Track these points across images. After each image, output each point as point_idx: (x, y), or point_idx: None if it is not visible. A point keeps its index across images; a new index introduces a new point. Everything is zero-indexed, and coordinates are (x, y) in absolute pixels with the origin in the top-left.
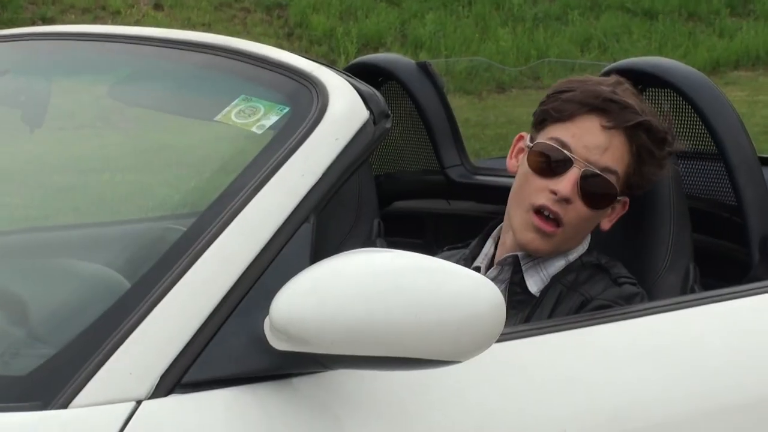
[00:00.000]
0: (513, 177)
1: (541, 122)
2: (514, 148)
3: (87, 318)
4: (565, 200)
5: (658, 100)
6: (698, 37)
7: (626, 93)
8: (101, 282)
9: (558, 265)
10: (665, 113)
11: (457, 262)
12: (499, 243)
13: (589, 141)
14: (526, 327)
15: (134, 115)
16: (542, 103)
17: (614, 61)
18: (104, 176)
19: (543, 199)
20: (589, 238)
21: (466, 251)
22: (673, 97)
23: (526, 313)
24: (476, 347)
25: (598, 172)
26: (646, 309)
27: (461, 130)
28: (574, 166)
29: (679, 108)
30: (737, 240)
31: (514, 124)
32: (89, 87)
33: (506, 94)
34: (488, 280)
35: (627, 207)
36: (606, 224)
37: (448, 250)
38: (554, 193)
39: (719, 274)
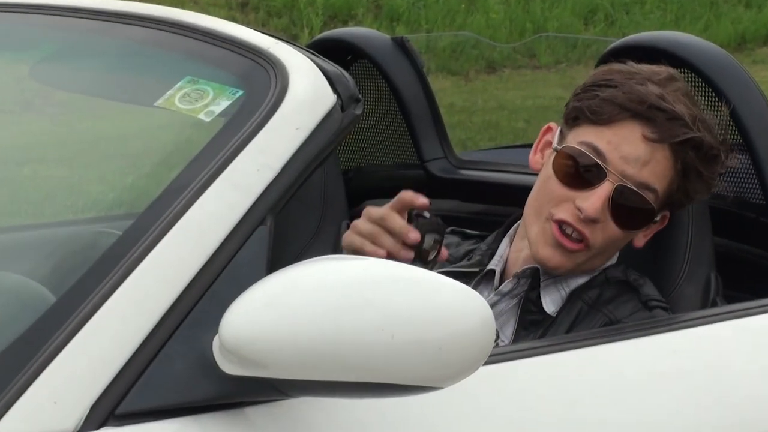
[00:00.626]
0: (504, 172)
1: (573, 119)
2: (539, 142)
3: (4, 338)
4: (592, 221)
5: None
6: (721, 7)
7: (677, 97)
8: (21, 296)
9: (581, 281)
10: (722, 116)
11: (467, 254)
12: (513, 248)
13: (628, 152)
14: (520, 347)
15: (60, 100)
16: (576, 96)
17: (623, 36)
18: (25, 170)
19: (566, 214)
20: (617, 252)
21: (483, 245)
22: (691, 77)
23: (539, 335)
24: (461, 371)
25: (635, 188)
26: (660, 325)
27: (444, 117)
28: (606, 180)
29: (697, 91)
30: (765, 245)
31: (506, 109)
32: (7, 66)
33: (497, 75)
34: (474, 291)
35: (666, 222)
36: (640, 241)
37: (453, 233)
38: (580, 210)
39: (745, 285)
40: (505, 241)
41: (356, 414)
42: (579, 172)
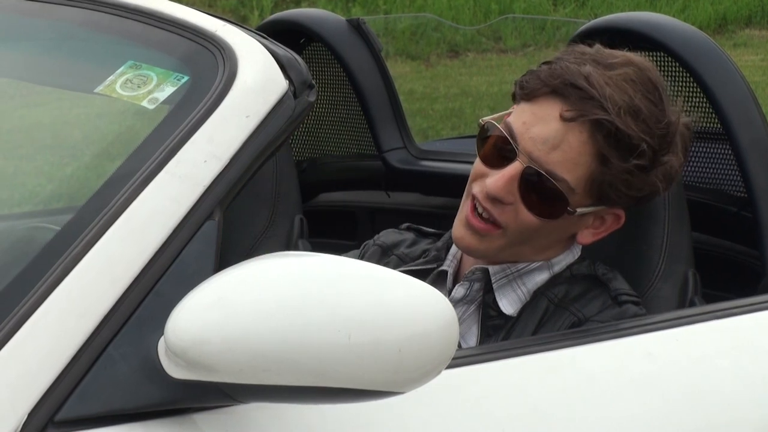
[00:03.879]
0: (468, 163)
1: (513, 97)
2: None
3: None
4: (495, 200)
5: None
6: None
7: (614, 81)
8: None
9: (540, 279)
10: (690, 114)
11: (424, 253)
12: None
13: (538, 132)
14: (486, 349)
15: None
16: (523, 74)
17: (595, 17)
18: None
19: (477, 189)
20: (578, 247)
21: (439, 243)
22: (668, 62)
23: (501, 336)
24: (422, 374)
25: (543, 172)
26: (635, 326)
27: (404, 104)
28: (516, 160)
29: (674, 76)
30: (747, 241)
31: (470, 96)
32: None
33: (460, 59)
34: (436, 290)
35: (622, 221)
36: (586, 237)
37: (409, 230)
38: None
39: (725, 284)
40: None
41: (311, 421)
42: (494, 150)
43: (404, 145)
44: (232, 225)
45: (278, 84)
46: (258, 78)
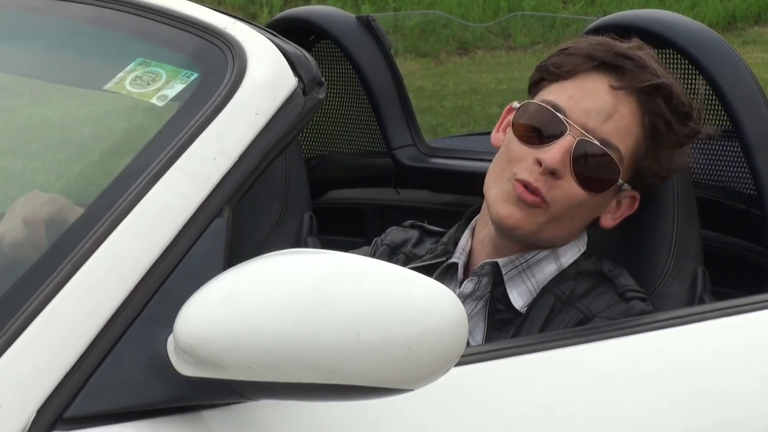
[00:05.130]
0: (477, 160)
1: (537, 83)
2: (502, 121)
3: None
4: (552, 173)
5: None
6: None
7: (648, 56)
8: None
9: (549, 270)
10: (699, 95)
11: (430, 251)
12: (475, 238)
13: (590, 104)
14: (494, 346)
15: (3, 83)
16: (542, 62)
17: (604, 14)
18: None
19: (525, 172)
20: (585, 237)
21: (444, 238)
22: (677, 59)
23: (510, 334)
24: (431, 372)
25: (597, 143)
26: (644, 324)
27: (413, 101)
28: (567, 134)
29: (684, 73)
30: (756, 238)
31: (480, 93)
32: None
33: (469, 57)
34: (446, 287)
35: (637, 204)
36: (608, 220)
37: (413, 227)
38: (539, 163)
39: (734, 281)
40: (467, 233)
41: (320, 417)
42: (539, 129)
43: (414, 142)
44: (241, 222)
45: (288, 81)
46: (267, 75)
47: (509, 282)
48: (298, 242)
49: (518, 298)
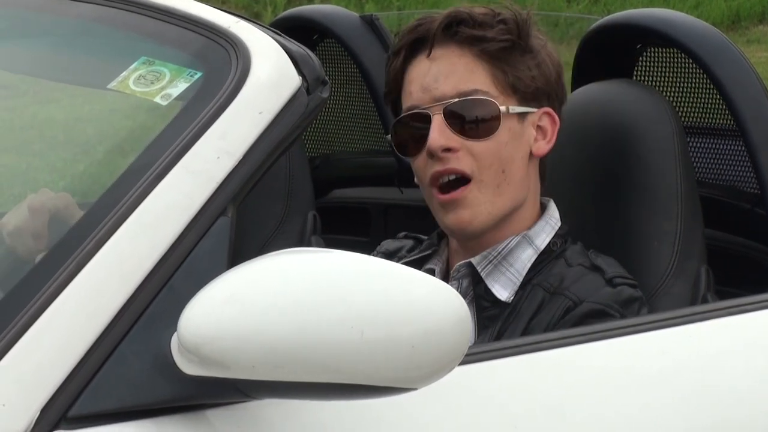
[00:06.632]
0: None
1: (394, 107)
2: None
3: None
4: (447, 150)
5: (661, 62)
6: None
7: (425, 12)
8: None
9: (525, 256)
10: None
11: (410, 257)
12: (450, 244)
13: (425, 82)
14: (498, 346)
15: (6, 82)
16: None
17: (608, 13)
18: None
19: (428, 170)
20: (555, 213)
21: (422, 246)
22: (681, 58)
23: (497, 328)
24: (435, 371)
25: (456, 99)
26: (647, 323)
27: None
28: (433, 115)
29: (688, 72)
30: (760, 237)
31: None
32: None
33: None
34: (449, 286)
35: (557, 119)
36: (542, 147)
37: (407, 238)
38: (431, 154)
39: (738, 281)
40: (443, 241)
41: (323, 416)
42: (414, 134)
43: None
44: (245, 221)
45: (291, 80)
46: (271, 74)
47: (488, 277)
48: (301, 241)
49: (501, 290)
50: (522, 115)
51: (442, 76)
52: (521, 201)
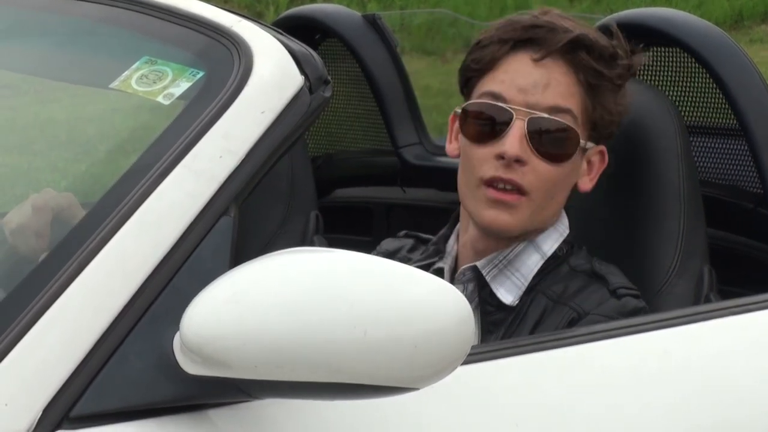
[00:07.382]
0: None
1: (466, 85)
2: (451, 130)
3: None
4: (517, 161)
5: (664, 61)
6: None
7: (555, 16)
8: None
9: (532, 261)
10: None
11: (423, 251)
12: (459, 243)
13: (523, 82)
14: (500, 345)
15: (8, 82)
16: (462, 64)
17: (610, 12)
18: None
19: (491, 170)
20: (565, 221)
21: (435, 238)
22: (684, 58)
23: (501, 334)
24: (438, 371)
25: (546, 115)
26: (650, 322)
27: (420, 100)
28: (516, 118)
29: (690, 72)
30: (763, 237)
31: None
32: None
33: None
34: (452, 286)
35: (606, 159)
36: (586, 184)
37: (407, 237)
38: (501, 157)
39: (740, 280)
40: (452, 238)
41: (326, 416)
42: (487, 124)
43: (420, 140)
44: (247, 220)
45: (294, 79)
46: (274, 73)
47: (493, 281)
48: (304, 241)
49: (506, 294)
50: (585, 150)
51: (542, 85)
52: (551, 223)
